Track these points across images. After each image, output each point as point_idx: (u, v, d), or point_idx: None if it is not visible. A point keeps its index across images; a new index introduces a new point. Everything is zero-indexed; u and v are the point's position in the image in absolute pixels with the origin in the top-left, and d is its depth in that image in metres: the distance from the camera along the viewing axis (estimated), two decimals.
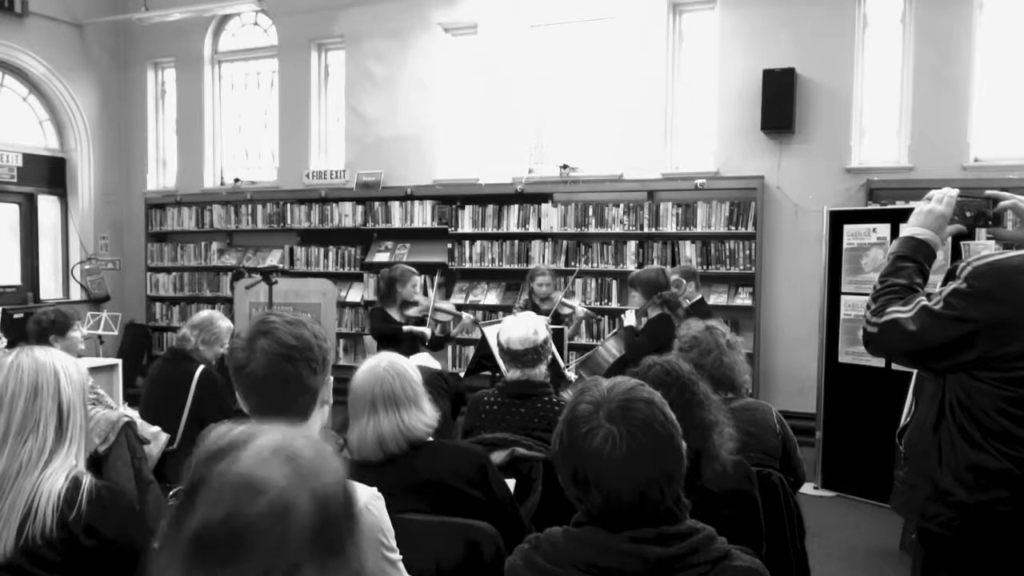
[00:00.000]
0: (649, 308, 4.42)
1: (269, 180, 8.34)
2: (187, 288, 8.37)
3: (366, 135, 7.71)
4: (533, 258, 6.92)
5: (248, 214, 8.11)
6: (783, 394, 6.26)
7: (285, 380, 1.47)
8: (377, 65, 7.64)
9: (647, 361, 2.05)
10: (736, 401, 2.60)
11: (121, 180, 8.79)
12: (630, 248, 6.68)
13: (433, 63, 7.48)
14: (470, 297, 7.07)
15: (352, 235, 7.67)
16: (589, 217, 6.78)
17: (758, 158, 6.36)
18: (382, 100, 7.64)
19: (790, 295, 6.35)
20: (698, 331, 2.69)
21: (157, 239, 8.61)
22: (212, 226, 8.28)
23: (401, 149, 7.54)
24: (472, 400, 2.98)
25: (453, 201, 7.25)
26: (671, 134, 6.78)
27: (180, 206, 8.45)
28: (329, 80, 8.11)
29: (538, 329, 2.89)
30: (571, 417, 1.29)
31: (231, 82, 8.58)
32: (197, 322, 3.73)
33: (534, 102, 7.25)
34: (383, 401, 2.05)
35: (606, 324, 6.71)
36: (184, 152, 8.67)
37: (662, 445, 1.25)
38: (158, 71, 8.88)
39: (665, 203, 6.56)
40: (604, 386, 1.30)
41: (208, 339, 3.71)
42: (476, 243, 7.15)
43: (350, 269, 7.66)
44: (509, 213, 7.05)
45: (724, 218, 6.37)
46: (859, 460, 4.92)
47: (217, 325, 3.74)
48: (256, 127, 8.51)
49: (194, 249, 8.38)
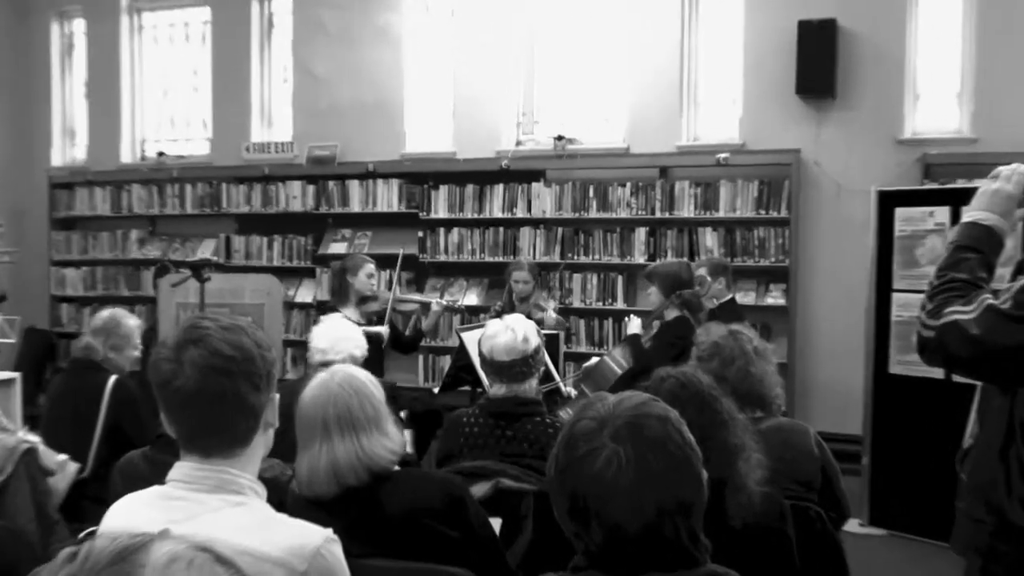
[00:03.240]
0: (666, 309, 4.45)
1: (200, 155, 8.33)
2: (100, 286, 8.35)
3: (318, 100, 7.72)
4: (522, 249, 6.95)
5: (175, 196, 8.11)
6: (823, 412, 6.30)
7: (220, 398, 1.47)
8: (332, 14, 7.62)
9: (660, 373, 2.07)
10: (766, 421, 2.62)
11: (18, 155, 8.73)
12: (639, 237, 6.70)
13: (401, 12, 7.47)
14: (445, 296, 7.07)
15: (302, 221, 7.69)
16: (589, 199, 6.80)
17: (792, 128, 6.40)
18: (338, 57, 7.64)
19: (831, 293, 6.39)
20: (720, 336, 2.70)
21: (63, 226, 8.57)
22: (131, 210, 8.28)
23: (361, 117, 7.56)
24: (448, 421, 2.99)
25: (425, 180, 7.26)
26: (688, 99, 6.82)
27: (91, 186, 8.42)
28: (273, 33, 8.12)
29: (528, 335, 2.91)
30: (570, 436, 1.30)
31: (153, 35, 8.56)
32: (100, 326, 3.74)
33: (523, 60, 7.26)
34: (338, 423, 2.07)
35: (610, 330, 6.74)
36: (96, 120, 8.64)
37: (677, 470, 1.25)
38: (63, 22, 8.82)
39: (681, 182, 6.60)
40: (610, 401, 1.32)
41: (118, 343, 3.73)
42: (452, 231, 7.16)
43: (300, 263, 7.68)
44: (492, 194, 7.08)
45: (752, 200, 6.42)
46: (914, 491, 4.96)
47: (124, 324, 3.76)
48: (184, 90, 8.49)
49: (109, 238, 8.37)
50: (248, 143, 7.97)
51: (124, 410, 3.58)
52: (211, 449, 1.51)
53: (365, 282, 5.12)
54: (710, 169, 6.51)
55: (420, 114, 7.61)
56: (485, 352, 2.91)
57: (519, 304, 5.46)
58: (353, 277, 5.10)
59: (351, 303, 5.10)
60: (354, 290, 5.12)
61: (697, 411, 1.89)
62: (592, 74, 7.15)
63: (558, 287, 6.75)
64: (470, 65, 7.29)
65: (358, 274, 5.10)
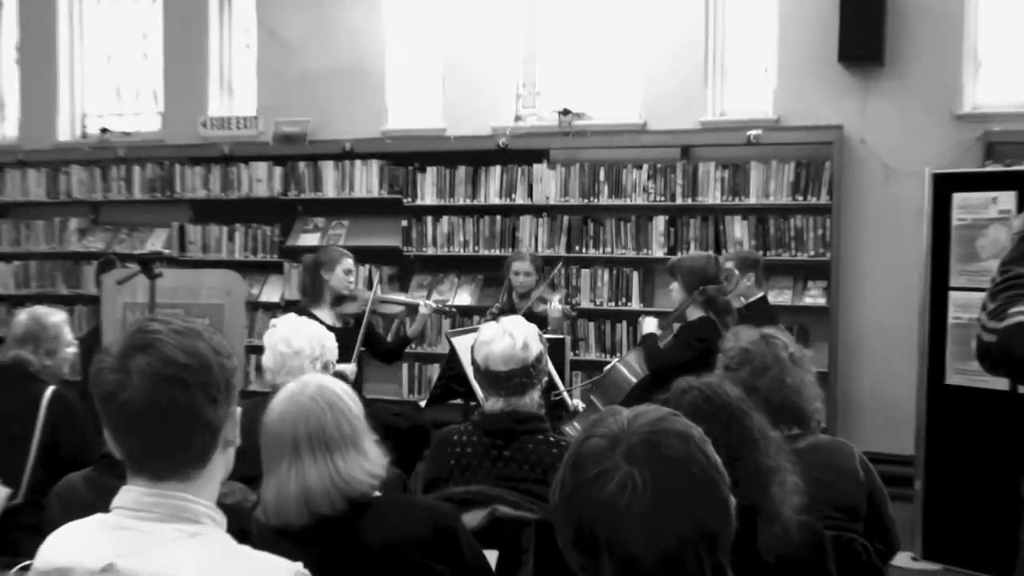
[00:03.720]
0: (688, 307, 4.46)
1: (150, 131, 8.29)
2: (34, 283, 8.34)
3: (287, 69, 7.69)
4: (522, 240, 6.95)
5: (120, 179, 8.08)
6: (869, 429, 6.29)
7: (173, 413, 1.47)
8: None
9: (681, 384, 2.09)
10: (804, 439, 2.63)
11: None
12: (657, 226, 6.71)
13: None
14: (433, 296, 7.09)
15: (268, 209, 7.66)
16: (600, 183, 6.80)
17: (834, 100, 6.37)
18: (310, 19, 7.59)
19: (879, 291, 6.38)
20: (750, 341, 2.72)
21: None
22: (70, 196, 8.24)
23: (337, 88, 7.52)
24: (437, 439, 3.00)
25: (410, 161, 7.24)
26: (714, 68, 6.80)
27: (24, 167, 8.39)
28: None
29: (528, 341, 2.92)
30: (578, 456, 1.31)
31: None
32: (22, 334, 3.72)
33: (524, 23, 7.22)
34: (310, 442, 2.08)
35: (624, 334, 6.72)
36: (29, 91, 8.60)
37: (701, 495, 1.26)
38: None
39: (706, 163, 6.58)
40: (623, 416, 1.33)
41: (50, 347, 3.73)
42: (442, 220, 7.15)
43: (265, 256, 7.69)
44: (488, 178, 7.07)
45: (787, 184, 6.41)
46: (973, 520, 4.90)
47: (49, 324, 3.74)
48: (131, 56, 8.45)
49: (44, 228, 8.34)
50: (205, 118, 7.93)
51: (62, 425, 3.57)
52: (163, 471, 1.50)
53: (342, 279, 5.12)
54: (739, 149, 6.49)
55: (404, 85, 7.59)
56: (479, 360, 2.90)
57: (519, 302, 5.48)
58: (328, 273, 5.10)
59: (325, 303, 5.10)
60: (329, 288, 5.11)
61: (724, 428, 1.91)
62: (603, 39, 7.11)
63: (563, 284, 6.76)
64: (462, 28, 7.24)
65: (334, 270, 5.10)
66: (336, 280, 5.11)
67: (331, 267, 5.10)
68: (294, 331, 3.39)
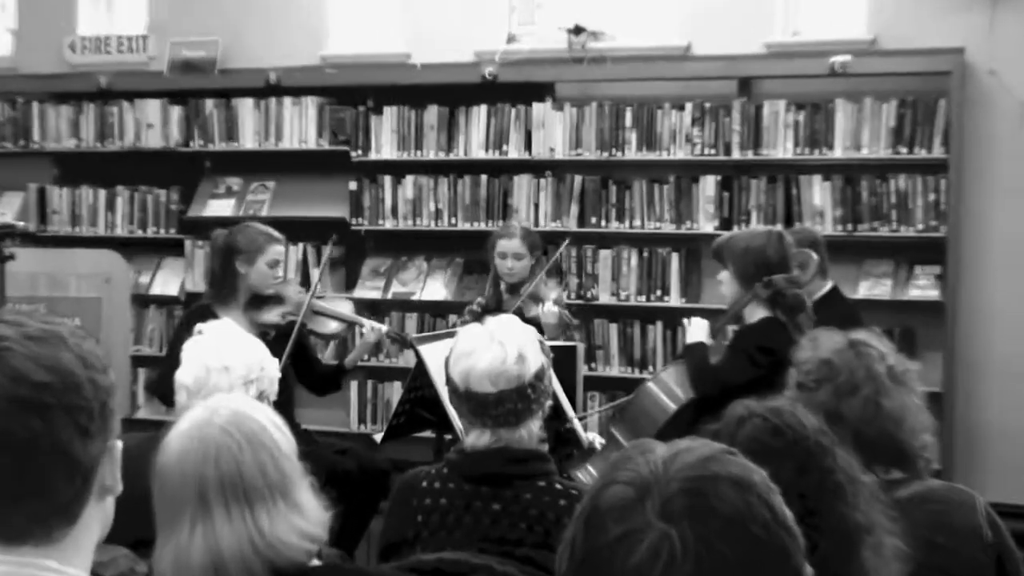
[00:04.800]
0: (746, 305, 4.48)
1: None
2: None
3: None
4: (516, 209, 6.94)
5: None
6: (998, 472, 6.29)
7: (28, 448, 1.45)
8: None
9: (737, 410, 2.10)
10: (908, 486, 2.64)
11: None
12: (704, 189, 6.67)
13: None
14: (392, 286, 7.09)
15: (163, 165, 7.67)
16: (625, 131, 6.74)
17: (951, 17, 6.33)
18: None
19: (1013, 281, 6.40)
20: (834, 351, 2.73)
21: None
22: None
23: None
24: (400, 487, 3.02)
25: (361, 99, 7.25)
26: None
27: None
28: None
29: (525, 352, 2.92)
30: (594, 510, 1.29)
31: None
32: None
33: None
34: (222, 491, 2.09)
35: (657, 340, 6.70)
36: None
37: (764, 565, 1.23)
38: None
39: (773, 103, 6.56)
40: (658, 455, 1.32)
41: None
42: (405, 181, 7.15)
43: (160, 231, 7.70)
44: (469, 122, 7.05)
45: (886, 132, 6.37)
46: None
47: None
48: None
49: None
50: (74, 38, 7.89)
51: None
52: (15, 530, 1.46)
53: (264, 274, 5.17)
54: (820, 82, 6.49)
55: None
56: (457, 379, 2.91)
57: (509, 298, 5.52)
58: (246, 265, 5.14)
59: (236, 304, 5.13)
60: (245, 285, 5.15)
61: (798, 471, 1.92)
62: None
63: (571, 272, 6.77)
64: None
65: (255, 261, 5.14)
66: (257, 275, 5.15)
67: (251, 256, 5.14)
68: (228, 342, 3.41)
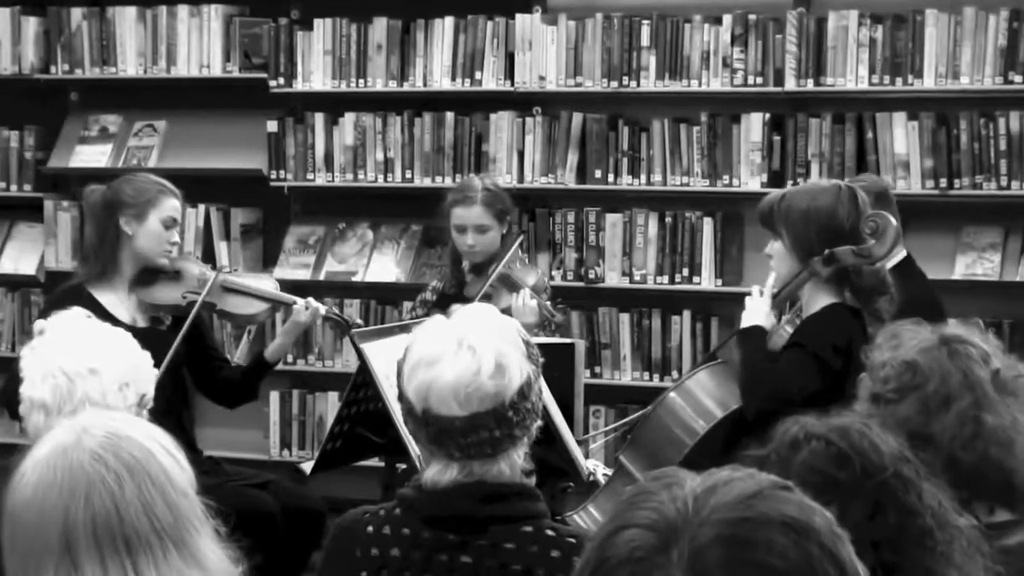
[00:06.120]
0: (803, 286, 4.54)
1: None
2: None
3: None
4: (494, 159, 6.84)
5: None
6: None
7: None
8: None
9: (792, 430, 2.10)
10: (1018, 531, 2.67)
11: None
12: (747, 132, 6.55)
13: None
14: (326, 264, 7.10)
15: (14, 98, 7.70)
16: (641, 51, 6.63)
17: None
18: None
19: None
20: (920, 350, 2.73)
21: None
22: None
23: None
24: (337, 533, 3.04)
25: (283, 8, 7.20)
26: None
27: None
28: None
29: (504, 359, 2.79)
30: (600, 563, 1.23)
31: None
32: None
33: None
34: (94, 538, 1.99)
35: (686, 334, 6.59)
36: None
37: None
38: None
39: (841, 14, 6.42)
40: (686, 490, 1.24)
41: None
42: (343, 120, 7.10)
43: (10, 188, 7.73)
44: (431, 40, 6.97)
45: (992, 52, 6.25)
46: None
47: None
48: None
49: None
50: None
51: None
52: None
53: (158, 235, 5.15)
54: None
55: None
56: (413, 396, 2.79)
57: (473, 279, 5.58)
58: (132, 224, 5.13)
59: (120, 280, 5.17)
60: (132, 253, 5.15)
61: (871, 512, 1.95)
62: None
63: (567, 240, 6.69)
64: None
65: (144, 218, 5.13)
66: (147, 237, 5.12)
67: (140, 210, 5.12)
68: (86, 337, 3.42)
